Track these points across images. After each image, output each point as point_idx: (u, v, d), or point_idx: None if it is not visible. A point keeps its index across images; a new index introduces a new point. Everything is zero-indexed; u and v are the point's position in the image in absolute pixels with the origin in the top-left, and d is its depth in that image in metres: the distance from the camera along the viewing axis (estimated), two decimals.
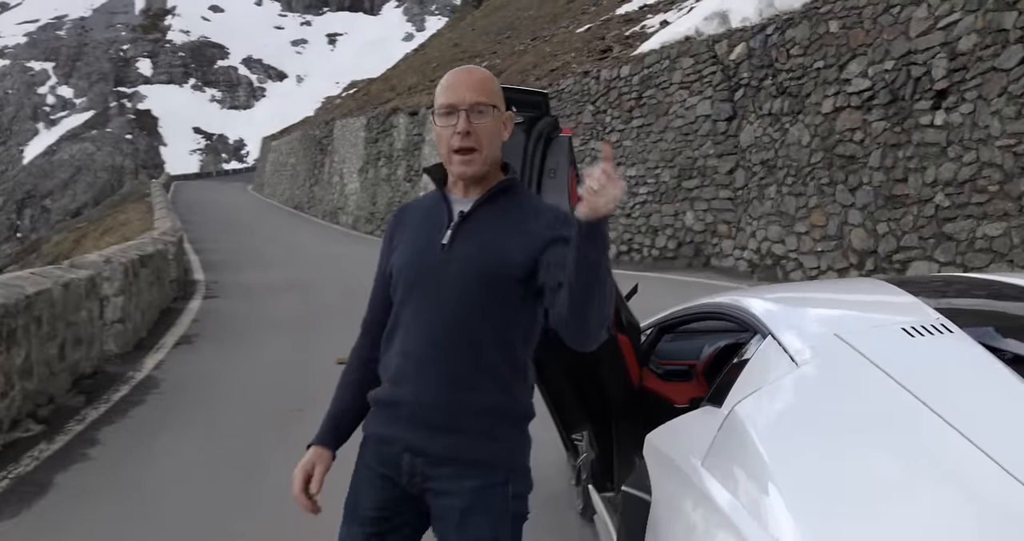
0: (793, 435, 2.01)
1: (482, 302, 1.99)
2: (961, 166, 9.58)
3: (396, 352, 2.05)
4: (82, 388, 7.04)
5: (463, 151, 2.00)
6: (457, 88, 2.02)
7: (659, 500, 2.32)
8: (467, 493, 1.98)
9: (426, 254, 2.05)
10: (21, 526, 4.35)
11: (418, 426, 1.99)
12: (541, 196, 3.19)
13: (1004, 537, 1.48)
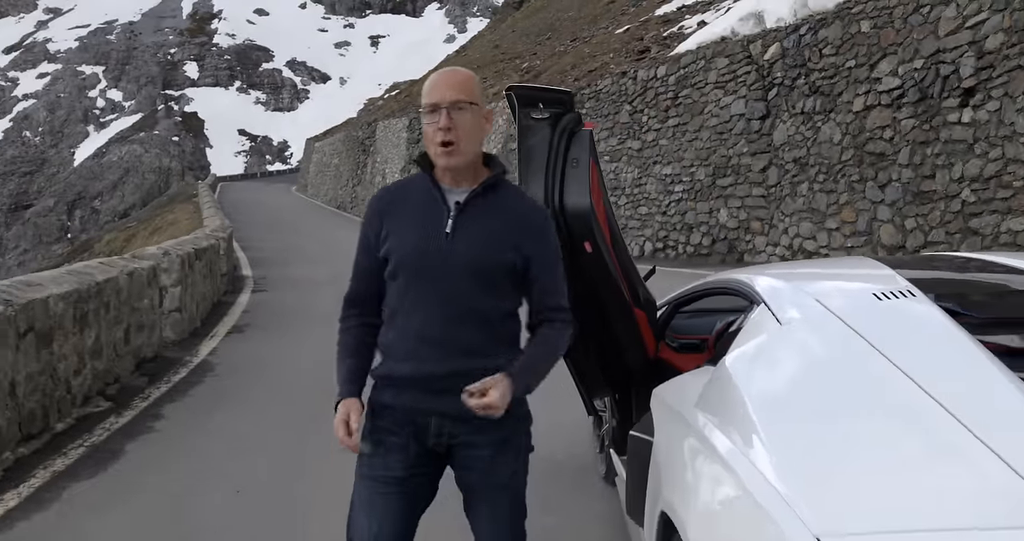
0: (771, 378, 2.39)
1: (483, 285, 2.27)
2: (987, 162, 9.79)
3: (406, 333, 2.29)
4: (144, 370, 7.55)
5: (445, 145, 2.23)
6: (439, 88, 2.26)
7: (659, 440, 2.69)
8: (491, 443, 2.31)
9: (431, 242, 2.27)
10: (98, 487, 4.83)
11: (443, 393, 2.23)
12: (564, 183, 3.58)
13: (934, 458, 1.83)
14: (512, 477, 2.38)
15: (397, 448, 2.32)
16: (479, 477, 2.35)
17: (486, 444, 2.32)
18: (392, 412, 2.33)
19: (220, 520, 4.27)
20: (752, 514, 1.81)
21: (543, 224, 2.39)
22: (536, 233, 2.34)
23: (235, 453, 5.33)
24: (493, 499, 2.37)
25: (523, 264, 2.31)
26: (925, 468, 1.78)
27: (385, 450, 2.33)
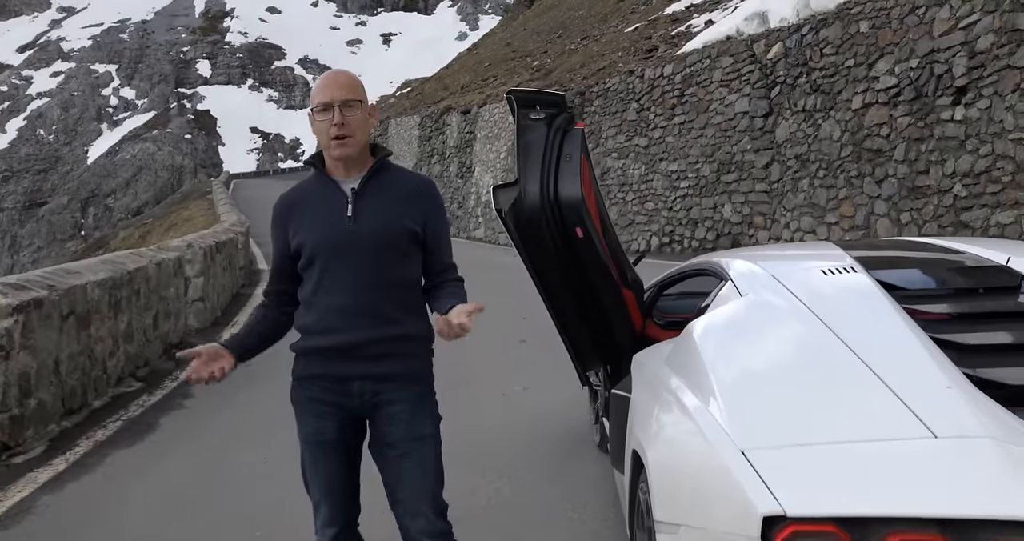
0: (725, 337, 2.81)
1: (390, 258, 2.52)
2: (978, 158, 10.14)
3: (326, 308, 2.52)
4: (171, 355, 7.99)
5: (340, 138, 2.48)
6: (329, 88, 2.50)
7: (635, 395, 3.11)
8: (410, 399, 2.57)
9: (337, 227, 2.51)
10: (137, 454, 5.28)
11: (364, 359, 2.51)
12: (559, 176, 3.99)
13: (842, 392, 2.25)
14: (432, 429, 2.62)
15: (328, 415, 2.59)
16: (403, 429, 2.56)
17: (405, 400, 2.57)
18: (320, 380, 2.58)
19: (250, 483, 4.70)
20: (693, 438, 2.23)
21: (431, 190, 2.67)
22: (426, 198, 2.61)
23: (261, 427, 5.76)
24: (418, 449, 2.57)
25: (422, 228, 2.57)
26: (834, 400, 2.20)
27: (317, 419, 2.60)
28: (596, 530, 3.91)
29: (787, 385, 2.35)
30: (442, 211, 2.66)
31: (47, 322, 5.56)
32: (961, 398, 2.11)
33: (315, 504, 2.68)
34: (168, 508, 4.37)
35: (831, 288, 2.85)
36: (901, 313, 2.55)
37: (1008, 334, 2.56)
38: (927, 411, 2.06)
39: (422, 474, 2.58)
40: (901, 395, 2.11)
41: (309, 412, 2.63)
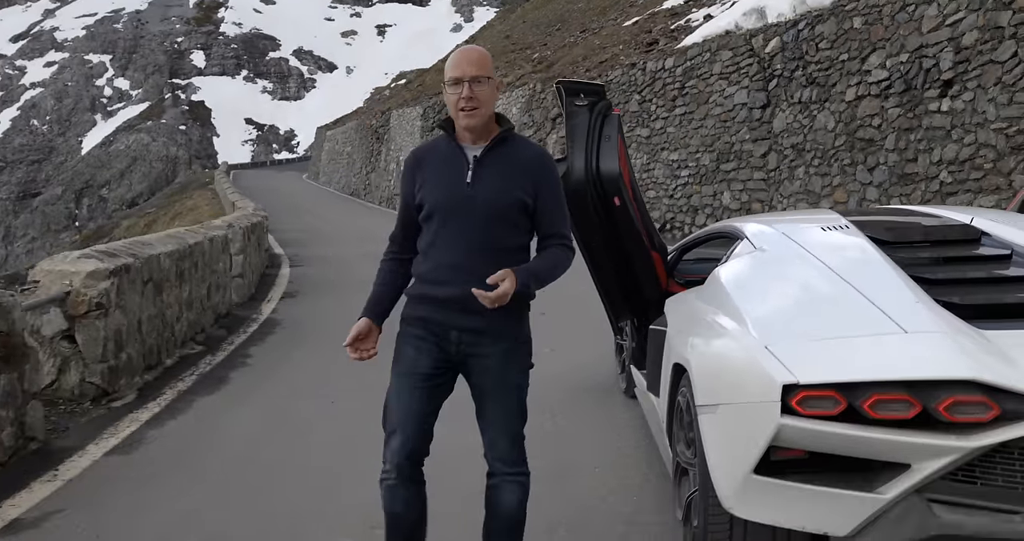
0: (746, 278, 3.55)
1: (500, 225, 2.76)
2: (962, 147, 10.89)
3: (438, 262, 2.78)
4: (221, 324, 8.72)
5: (467, 109, 2.73)
6: (461, 65, 2.74)
7: (672, 327, 3.85)
8: (501, 353, 2.82)
9: (456, 189, 2.77)
10: (218, 400, 6.02)
11: (463, 312, 2.76)
12: (600, 154, 4.72)
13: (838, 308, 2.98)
14: (518, 380, 2.89)
15: (425, 352, 2.83)
16: (491, 381, 2.84)
17: (495, 354, 2.82)
18: (424, 323, 2.84)
19: (324, 421, 5.42)
20: (727, 342, 2.98)
21: (546, 163, 2.88)
22: (540, 170, 2.84)
23: (320, 378, 6.50)
24: (504, 397, 2.85)
25: (533, 199, 2.79)
26: (831, 312, 2.95)
27: (415, 352, 2.84)
28: (630, 453, 4.66)
29: (795, 304, 3.10)
30: (555, 182, 2.88)
31: (132, 286, 6.28)
32: (924, 310, 2.85)
33: (389, 434, 2.86)
34: (257, 438, 5.10)
35: (829, 240, 3.59)
36: (884, 256, 3.29)
37: (964, 272, 3.31)
38: (900, 317, 2.79)
39: (505, 417, 2.86)
40: (881, 307, 2.85)
41: (409, 345, 2.87)
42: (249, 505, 4.07)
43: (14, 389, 4.72)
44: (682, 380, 3.38)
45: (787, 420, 2.57)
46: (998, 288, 3.20)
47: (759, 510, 2.80)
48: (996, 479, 2.51)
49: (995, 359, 2.57)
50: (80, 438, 5.11)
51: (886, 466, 2.59)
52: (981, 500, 2.51)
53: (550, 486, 4.19)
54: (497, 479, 2.90)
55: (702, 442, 2.99)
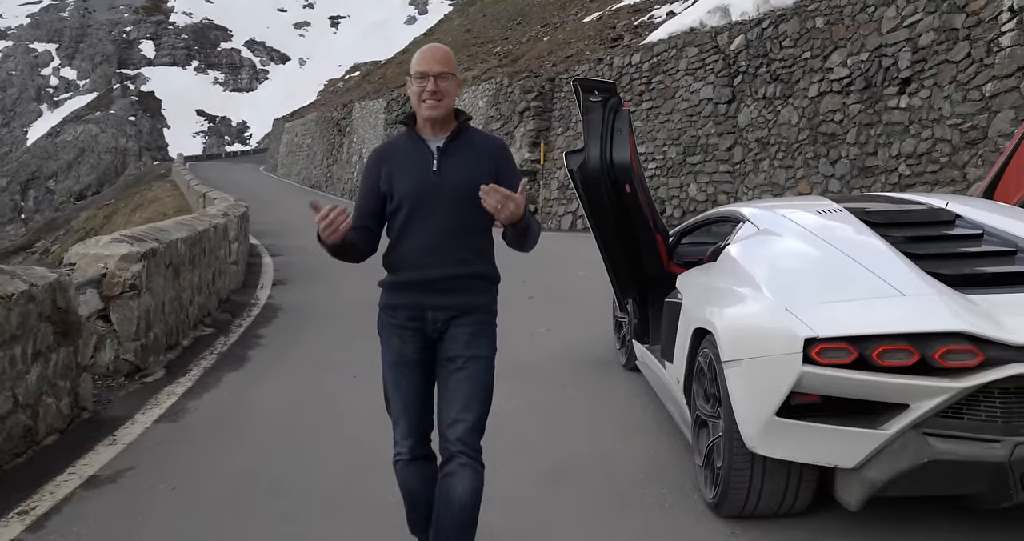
0: (755, 253, 4.05)
1: (467, 208, 2.87)
2: (919, 142, 11.56)
3: (411, 250, 2.93)
4: (224, 308, 9.06)
5: (431, 100, 2.88)
6: (427, 60, 2.91)
7: (686, 299, 4.34)
8: (471, 325, 2.98)
9: (423, 178, 2.92)
10: (246, 375, 6.41)
11: (438, 292, 2.94)
12: (613, 145, 5.19)
13: (840, 275, 3.49)
14: (487, 353, 3.01)
15: (409, 339, 2.99)
16: (463, 348, 2.96)
17: (467, 325, 2.98)
18: (404, 310, 2.98)
19: (349, 393, 5.83)
20: (750, 305, 3.48)
21: (505, 150, 3.07)
22: (500, 156, 3.02)
23: (335, 355, 6.91)
24: (474, 368, 2.95)
25: (495, 181, 2.85)
26: (838, 280, 3.47)
27: (400, 342, 3.00)
28: (639, 416, 5.17)
29: (805, 274, 3.62)
30: (512, 167, 3.06)
31: (158, 270, 6.63)
32: (917, 277, 3.37)
33: (395, 420, 3.04)
34: (289, 408, 5.51)
35: (826, 221, 4.11)
36: (875, 234, 3.81)
37: (944, 248, 3.85)
38: (897, 283, 3.31)
39: (471, 389, 2.94)
40: (880, 276, 3.36)
41: (394, 336, 3.02)
42: (298, 461, 4.49)
43: (70, 362, 5.08)
44: (702, 343, 3.87)
45: (808, 368, 3.07)
46: (974, 261, 3.75)
47: (779, 448, 3.30)
48: (980, 414, 3.04)
49: (978, 316, 3.09)
50: (126, 409, 5.48)
51: (888, 406, 3.10)
52: (968, 432, 3.03)
53: (573, 443, 4.69)
54: (453, 465, 2.90)
55: (727, 393, 3.48)
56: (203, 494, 4.10)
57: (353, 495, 4.03)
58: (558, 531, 3.64)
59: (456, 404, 2.92)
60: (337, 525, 3.72)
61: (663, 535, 3.56)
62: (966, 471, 3.02)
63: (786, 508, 3.57)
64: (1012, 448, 2.95)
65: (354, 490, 4.09)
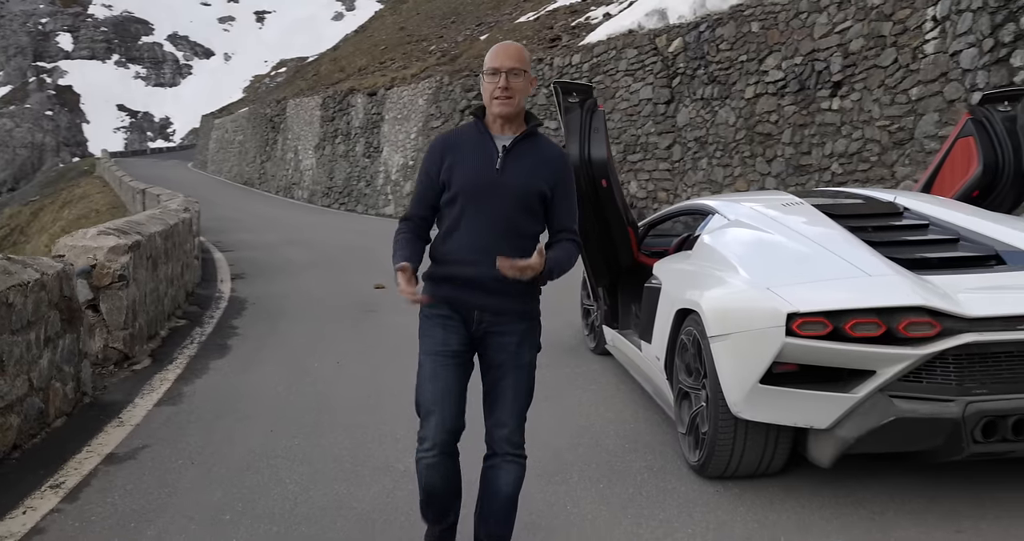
0: (732, 241, 4.50)
1: (520, 211, 2.94)
2: (851, 142, 12.24)
3: (462, 244, 2.94)
4: (191, 301, 9.24)
5: (503, 97, 2.89)
6: (500, 57, 2.93)
7: (666, 284, 4.76)
8: (517, 332, 3.02)
9: (484, 175, 2.93)
10: (232, 362, 6.67)
11: (485, 292, 2.95)
12: (591, 143, 5.59)
13: (804, 257, 3.95)
14: (530, 358, 3.07)
15: (453, 330, 3.01)
16: (508, 358, 3.01)
17: (512, 333, 3.02)
18: (449, 303, 3.00)
19: (336, 378, 6.14)
20: (734, 286, 3.91)
21: (566, 161, 3.10)
22: (561, 167, 3.05)
23: (314, 344, 7.19)
24: (517, 375, 3.02)
25: (551, 192, 2.98)
26: (810, 264, 3.92)
27: (444, 331, 3.00)
28: (615, 394, 5.58)
29: (780, 258, 4.07)
30: (571, 180, 3.08)
31: (141, 262, 6.83)
32: (879, 260, 3.84)
33: (425, 414, 2.99)
34: (283, 390, 5.79)
35: (791, 212, 4.58)
36: (836, 224, 4.28)
37: (896, 236, 4.34)
38: (862, 266, 3.78)
39: (515, 394, 3.03)
40: (847, 259, 3.83)
41: (438, 326, 3.02)
42: (306, 435, 4.80)
43: (74, 348, 5.29)
44: (685, 322, 4.30)
45: (789, 340, 3.51)
46: (922, 248, 4.24)
47: (761, 412, 3.74)
48: (937, 378, 3.51)
49: (934, 294, 3.57)
50: (124, 394, 5.71)
51: (857, 373, 3.56)
52: (927, 393, 3.50)
53: (560, 421, 5.08)
54: (498, 459, 3.04)
55: (713, 365, 3.90)
56: (221, 467, 4.39)
57: (365, 465, 4.36)
58: (558, 497, 4.00)
59: (504, 408, 3.01)
60: (358, 488, 4.05)
61: (654, 495, 3.97)
62: (925, 427, 3.48)
63: (763, 468, 4.01)
64: (964, 406, 3.42)
65: (366, 460, 4.42)
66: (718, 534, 3.53)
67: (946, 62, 10.68)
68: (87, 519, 3.78)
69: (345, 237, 17.97)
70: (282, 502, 3.93)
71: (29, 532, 3.65)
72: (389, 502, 3.90)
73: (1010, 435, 3.44)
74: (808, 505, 3.77)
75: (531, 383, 3.09)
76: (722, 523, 3.64)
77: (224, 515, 3.79)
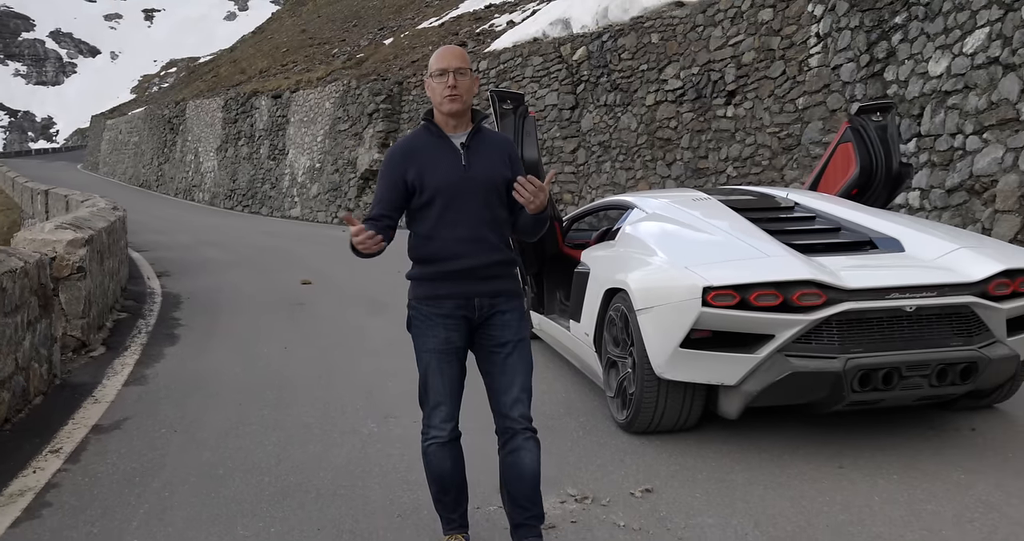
0: (646, 229, 5.23)
1: (493, 199, 3.15)
2: (744, 147, 13.25)
3: (450, 240, 3.10)
4: (127, 296, 9.53)
5: (452, 95, 3.06)
6: (446, 58, 3.10)
7: (594, 269, 5.46)
8: (516, 309, 3.25)
9: (454, 174, 3.11)
10: (185, 349, 7.09)
11: (479, 279, 3.14)
12: (524, 146, 6.24)
13: (711, 243, 4.70)
14: (527, 333, 3.29)
15: (454, 328, 3.17)
16: (512, 333, 3.21)
17: (512, 310, 3.23)
18: (451, 299, 3.15)
19: (286, 360, 6.63)
20: (656, 266, 4.63)
21: (512, 146, 3.33)
22: (511, 153, 3.27)
23: (259, 332, 7.66)
24: (522, 349, 3.22)
25: (511, 174, 3.16)
26: (719, 248, 4.67)
27: (446, 331, 3.16)
28: (546, 369, 6.24)
29: (694, 243, 4.81)
30: (519, 161, 3.32)
31: (93, 255, 7.18)
32: (776, 244, 4.60)
33: (433, 405, 3.19)
34: (241, 371, 6.27)
35: (701, 206, 5.33)
36: (739, 216, 5.05)
37: (788, 226, 5.14)
38: (762, 248, 4.53)
39: (524, 368, 3.21)
40: (750, 244, 4.58)
41: (439, 326, 3.16)
42: (275, 406, 5.32)
43: (48, 333, 5.68)
44: (614, 298, 4.99)
45: (705, 309, 4.23)
46: (810, 236, 5.04)
47: (681, 372, 4.45)
48: (823, 339, 4.28)
49: (821, 271, 4.34)
50: (90, 376, 6.11)
51: (759, 337, 4.30)
52: (815, 352, 4.26)
53: None
54: (520, 439, 3.18)
55: (640, 334, 4.60)
56: (203, 433, 4.88)
57: (333, 429, 4.92)
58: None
59: (515, 385, 3.18)
60: (332, 448, 4.61)
61: (589, 447, 4.63)
62: (814, 380, 4.25)
63: (682, 423, 4.72)
64: (845, 362, 4.19)
65: (333, 426, 4.98)
66: (647, 474, 4.22)
67: (828, 75, 11.75)
68: (93, 476, 4.24)
69: (257, 238, 18.25)
70: (266, 459, 4.46)
71: (45, 487, 4.10)
72: (362, 457, 4.47)
73: (880, 385, 4.23)
74: (719, 451, 4.50)
75: (531, 357, 3.28)
76: (648, 466, 4.33)
77: (217, 470, 4.30)
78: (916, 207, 9.80)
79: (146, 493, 4.01)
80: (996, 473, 4.05)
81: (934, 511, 3.66)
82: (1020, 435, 4.59)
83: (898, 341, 4.27)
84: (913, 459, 4.27)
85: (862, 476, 4.08)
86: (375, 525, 3.64)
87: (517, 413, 3.17)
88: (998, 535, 3.43)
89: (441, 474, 3.22)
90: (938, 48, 9.71)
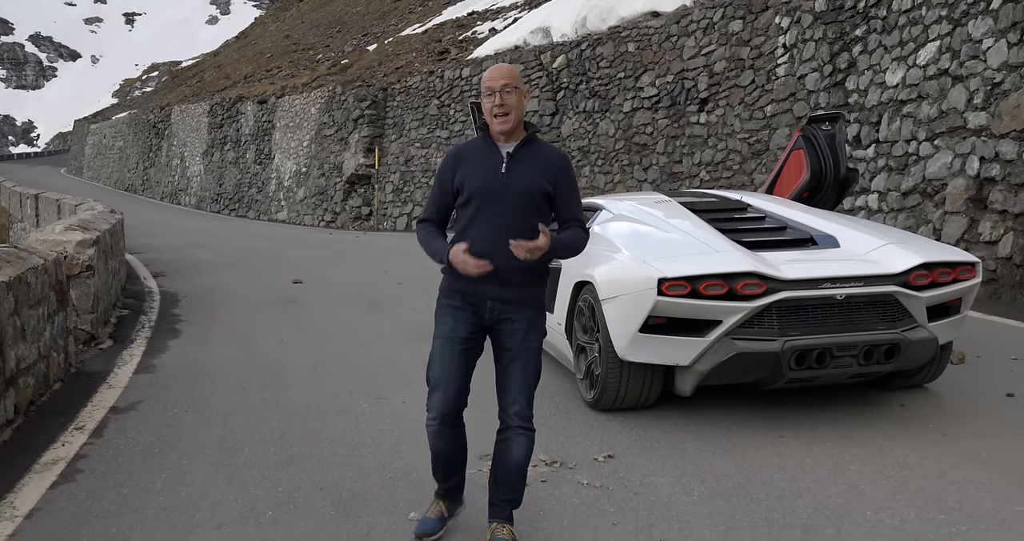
0: (612, 228, 5.78)
1: (526, 208, 3.29)
2: (716, 152, 13.85)
3: (476, 240, 3.24)
4: (126, 295, 10.01)
5: (500, 115, 3.27)
6: (494, 78, 3.28)
7: (567, 265, 6.01)
8: (526, 319, 3.38)
9: (493, 179, 3.29)
10: (188, 342, 7.57)
11: (497, 283, 3.28)
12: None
13: (670, 241, 5.27)
14: (537, 343, 3.42)
15: (462, 319, 3.36)
16: (518, 343, 3.37)
17: (522, 320, 3.37)
18: (462, 295, 3.35)
19: (283, 351, 7.14)
20: (619, 260, 5.19)
21: (565, 161, 3.44)
22: (561, 166, 3.40)
23: (256, 328, 8.16)
24: (526, 358, 3.38)
25: (553, 189, 3.33)
26: (674, 245, 5.23)
27: (454, 320, 3.35)
28: None
29: (653, 240, 5.38)
30: (572, 176, 3.45)
31: (99, 254, 7.68)
32: (724, 241, 5.16)
33: (432, 387, 3.39)
34: (244, 361, 6.78)
35: (661, 208, 5.90)
36: (695, 216, 5.62)
37: (739, 225, 5.70)
38: (712, 244, 5.09)
39: (524, 375, 3.40)
40: (702, 241, 5.15)
41: (449, 315, 3.38)
42: (275, 390, 5.82)
43: (64, 325, 6.18)
44: (583, 290, 5.54)
45: (660, 298, 4.78)
46: (758, 233, 5.61)
47: (641, 355, 5.00)
48: (764, 324, 4.84)
49: (763, 264, 4.90)
50: (102, 366, 6.60)
51: (708, 322, 4.86)
52: (757, 336, 4.82)
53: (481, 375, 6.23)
54: (511, 432, 3.43)
55: (605, 322, 5.15)
56: (212, 413, 5.39)
57: (330, 409, 5.44)
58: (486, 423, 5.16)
59: (514, 388, 3.40)
60: (330, 424, 5.13)
61: (560, 423, 5.17)
62: (756, 360, 4.80)
63: (643, 401, 5.27)
64: (783, 343, 4.75)
65: (329, 406, 5.50)
66: (610, 443, 4.75)
67: (794, 84, 12.36)
68: (117, 448, 4.75)
69: (247, 241, 18.73)
70: (271, 433, 4.98)
71: (74, 457, 4.60)
72: (357, 430, 5.00)
73: (814, 364, 4.79)
74: (675, 424, 5.04)
75: (538, 365, 3.45)
76: (612, 436, 4.87)
77: (228, 443, 4.82)
78: (875, 209, 10.43)
79: (166, 462, 4.52)
80: (915, 440, 4.62)
81: (857, 470, 4.23)
82: (941, 409, 5.17)
83: (830, 325, 4.83)
84: (846, 430, 4.83)
85: (799, 444, 4.64)
86: (370, 485, 4.17)
87: (513, 411, 3.43)
88: (909, 488, 4.00)
89: (438, 451, 3.48)
90: (894, 60, 10.34)
